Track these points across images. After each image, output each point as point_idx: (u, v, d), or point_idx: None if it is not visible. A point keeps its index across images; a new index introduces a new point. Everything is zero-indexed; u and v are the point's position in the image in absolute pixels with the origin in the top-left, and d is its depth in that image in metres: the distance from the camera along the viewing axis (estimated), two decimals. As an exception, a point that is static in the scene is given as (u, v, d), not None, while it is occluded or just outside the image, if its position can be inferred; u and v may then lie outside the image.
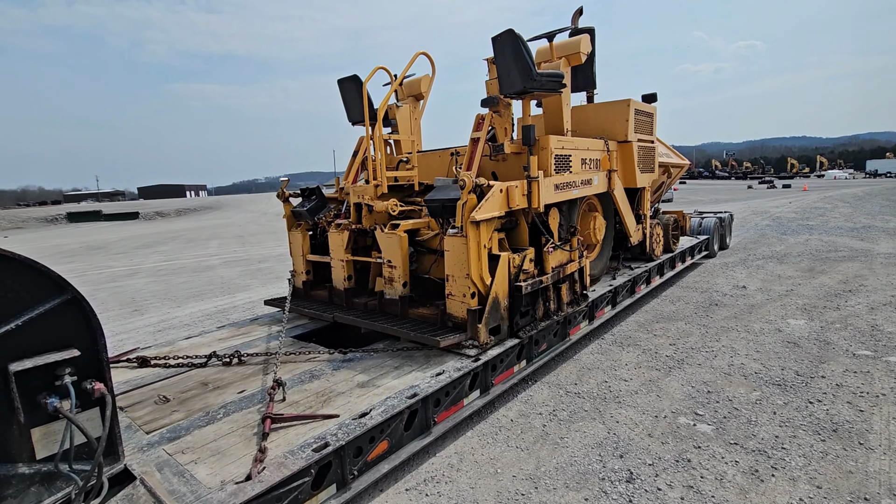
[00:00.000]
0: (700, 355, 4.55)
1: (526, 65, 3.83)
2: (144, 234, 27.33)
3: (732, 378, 4.00)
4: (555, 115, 4.68)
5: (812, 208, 18.93)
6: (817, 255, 9.28)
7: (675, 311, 6.08)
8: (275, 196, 5.37)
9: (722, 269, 8.44)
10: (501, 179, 4.29)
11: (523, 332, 3.81)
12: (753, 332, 5.15)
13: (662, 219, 7.31)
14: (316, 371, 3.34)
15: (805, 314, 5.66)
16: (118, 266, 14.62)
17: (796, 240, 11.38)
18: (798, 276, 7.59)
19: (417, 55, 4.30)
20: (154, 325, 7.05)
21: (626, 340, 5.08)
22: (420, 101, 6.02)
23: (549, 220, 4.33)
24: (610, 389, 3.91)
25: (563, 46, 4.64)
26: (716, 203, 24.65)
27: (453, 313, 3.62)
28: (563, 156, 4.41)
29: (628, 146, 5.48)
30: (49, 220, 46.65)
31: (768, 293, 6.69)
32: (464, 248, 3.43)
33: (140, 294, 9.65)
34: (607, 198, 5.46)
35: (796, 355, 4.42)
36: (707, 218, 9.68)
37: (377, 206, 4.07)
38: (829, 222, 14.46)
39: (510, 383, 3.72)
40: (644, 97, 6.03)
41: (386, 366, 3.37)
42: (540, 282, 3.88)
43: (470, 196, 3.38)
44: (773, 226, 14.26)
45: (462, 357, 3.41)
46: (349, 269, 4.49)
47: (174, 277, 11.63)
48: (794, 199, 24.90)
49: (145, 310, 8.17)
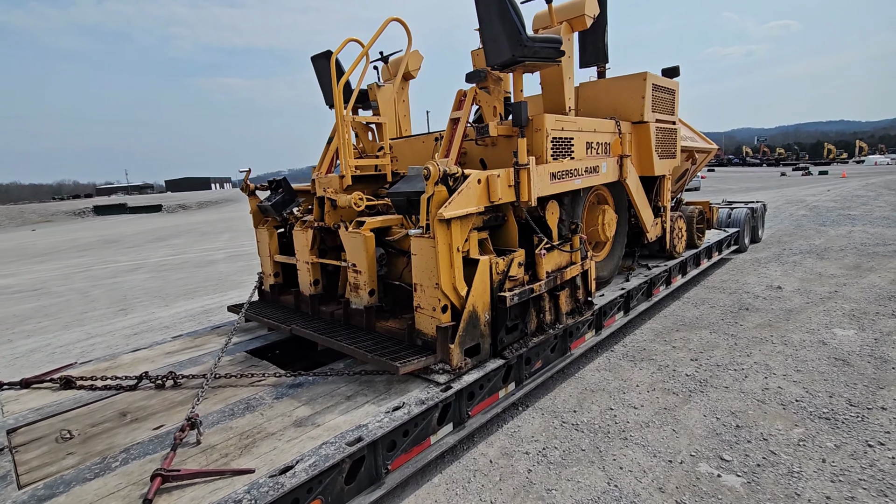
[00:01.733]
0: (727, 375, 3.84)
1: (514, 28, 3.15)
2: (162, 227, 27.55)
3: (767, 407, 3.29)
4: (554, 90, 3.98)
5: (853, 196, 17.52)
6: (863, 250, 8.28)
7: (698, 317, 5.33)
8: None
9: (753, 266, 7.57)
10: (491, 168, 3.64)
11: (510, 351, 3.18)
12: (792, 344, 4.38)
13: (685, 211, 6.51)
14: (253, 400, 2.78)
15: (854, 322, 4.84)
16: (124, 260, 14.51)
17: (837, 232, 10.32)
18: (842, 275, 6.69)
19: (389, 21, 3.65)
20: (133, 326, 6.67)
21: (640, 354, 4.38)
22: (409, 81, 5.40)
23: (545, 215, 3.66)
24: (615, 420, 3.25)
25: (564, 9, 3.92)
26: (746, 192, 23.23)
27: (422, 329, 3.01)
28: (563, 139, 3.72)
29: (644, 128, 4.72)
30: (77, 214, 47.89)
31: (808, 295, 5.85)
32: (432, 252, 2.81)
33: (133, 292, 9.36)
34: (619, 188, 4.74)
35: (847, 377, 3.66)
36: (737, 208, 8.77)
37: (340, 200, 3.47)
38: (874, 212, 13.21)
39: (492, 413, 3.10)
40: (664, 71, 5.24)
41: (337, 395, 2.79)
42: (530, 290, 3.23)
43: (438, 188, 2.75)
44: (810, 216, 13.11)
45: (430, 384, 2.80)
46: (315, 272, 3.93)
47: (174, 273, 11.35)
48: (833, 186, 23.26)
49: (132, 309, 7.83)
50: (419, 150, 4.45)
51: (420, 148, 4.44)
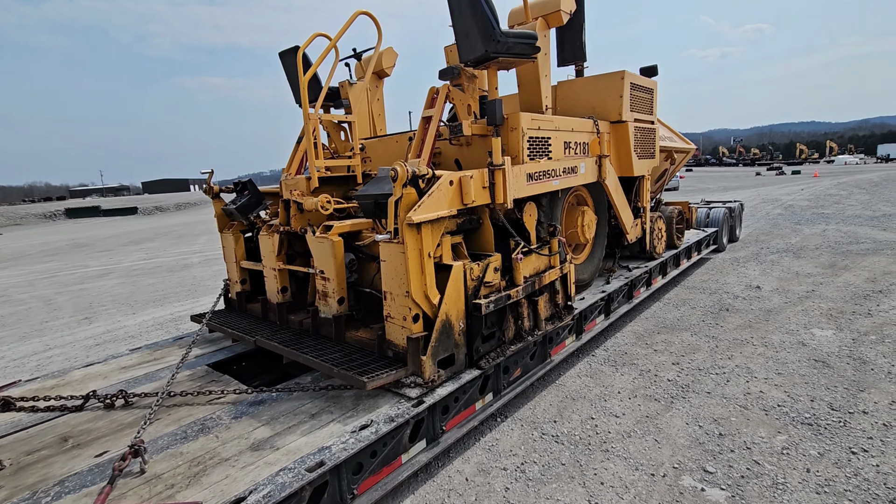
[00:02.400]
0: (709, 379, 3.76)
1: (487, 22, 3.01)
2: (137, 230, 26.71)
3: (750, 413, 3.21)
4: (530, 88, 3.85)
5: (826, 195, 17.93)
6: (837, 248, 8.40)
7: (679, 319, 5.28)
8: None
9: (732, 266, 7.60)
10: (466, 168, 3.49)
11: (487, 361, 3.03)
12: (772, 346, 4.34)
13: (665, 211, 6.47)
14: (209, 421, 2.58)
15: (832, 322, 4.84)
16: (94, 265, 13.96)
17: (812, 230, 10.49)
18: (818, 274, 6.75)
19: (357, 14, 3.47)
20: (96, 336, 6.33)
21: (621, 358, 4.29)
22: (383, 79, 5.21)
23: (523, 217, 3.53)
24: (597, 430, 3.13)
25: (539, 4, 3.79)
26: (724, 191, 23.62)
27: (393, 340, 2.84)
28: (540, 138, 3.59)
29: (623, 127, 4.63)
30: (48, 217, 46.25)
31: (786, 295, 5.86)
32: (401, 258, 2.64)
33: (101, 298, 8.96)
34: (599, 189, 4.64)
35: (827, 379, 3.62)
36: (715, 208, 8.81)
37: (307, 203, 3.28)
38: (846, 210, 13.50)
39: (469, 426, 2.95)
40: (643, 70, 5.17)
41: (301, 412, 2.61)
42: (507, 296, 3.09)
43: (406, 190, 2.58)
44: (785, 215, 13.34)
45: (401, 399, 2.64)
46: (283, 279, 3.72)
47: (145, 278, 10.93)
48: (806, 185, 23.81)
49: (97, 317, 7.47)
50: (393, 150, 4.28)
51: (394, 148, 4.27)
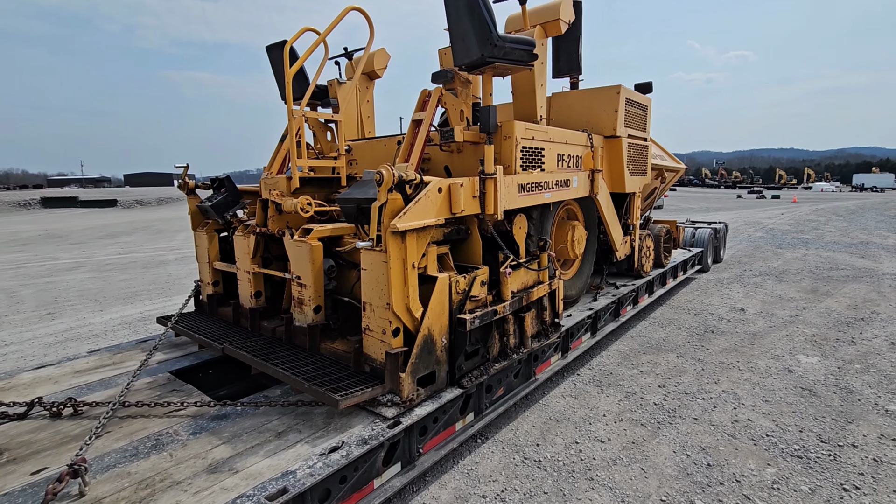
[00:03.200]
0: (696, 404, 3.66)
1: (484, 26, 2.89)
2: (115, 223, 25.93)
3: (738, 443, 3.10)
4: (526, 97, 3.74)
5: (805, 220, 18.31)
6: (818, 274, 8.49)
7: (665, 339, 5.20)
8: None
9: (717, 287, 7.59)
10: (456, 176, 3.35)
11: (469, 379, 2.87)
12: (759, 371, 4.27)
13: (654, 230, 6.43)
14: (165, 436, 2.36)
15: (817, 349, 4.80)
16: (65, 258, 13.42)
17: (793, 254, 10.62)
18: (801, 298, 6.77)
19: (348, 10, 3.32)
20: (58, 334, 5.99)
21: (607, 378, 4.17)
22: (374, 81, 5.07)
23: (513, 230, 3.40)
24: (581, 456, 2.98)
25: (538, 12, 3.70)
26: (706, 212, 24.00)
27: (371, 354, 2.67)
28: (534, 149, 3.48)
29: (616, 143, 4.56)
30: (22, 205, 44.67)
31: (770, 319, 5.84)
32: (383, 268, 2.48)
33: (67, 293, 8.55)
34: (590, 204, 4.55)
35: (815, 409, 3.54)
36: (701, 229, 8.85)
37: (286, 204, 3.09)
38: (825, 236, 13.76)
39: (448, 448, 2.78)
40: (638, 86, 5.12)
41: (267, 430, 2.40)
42: (494, 312, 2.94)
43: (392, 196, 2.43)
44: (766, 238, 13.53)
45: (376, 419, 2.46)
46: (257, 283, 3.51)
47: (117, 274, 10.51)
48: (786, 210, 24.35)
49: (61, 313, 7.09)
50: (380, 153, 4.13)
51: (381, 151, 4.12)
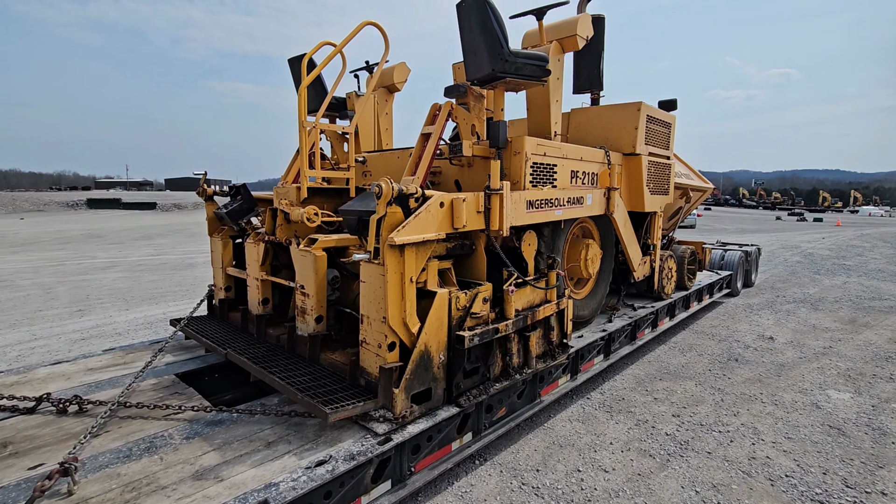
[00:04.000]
0: (711, 437, 3.46)
1: (496, 40, 2.88)
2: (152, 225, 27.10)
3: (754, 482, 2.91)
4: (539, 113, 3.70)
5: (848, 246, 17.37)
6: (858, 303, 7.99)
7: (684, 366, 4.97)
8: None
9: (745, 313, 7.25)
10: (466, 191, 3.33)
11: (467, 398, 2.81)
12: (783, 405, 4.02)
13: (677, 250, 6.21)
14: (159, 439, 2.38)
15: (850, 384, 4.49)
16: (102, 257, 14.06)
17: (832, 282, 10.06)
18: (837, 329, 6.38)
19: (364, 25, 3.38)
20: (84, 330, 6.23)
21: (618, 404, 4.01)
22: (393, 94, 5.14)
23: (521, 246, 3.34)
24: (582, 486, 2.85)
25: (555, 28, 3.67)
26: (741, 233, 23.13)
27: (366, 368, 2.64)
28: (545, 165, 3.42)
29: (636, 160, 4.44)
30: (69, 205, 47.31)
31: (801, 349, 5.52)
32: (381, 281, 2.46)
33: (99, 291, 8.92)
34: (606, 222, 4.43)
35: (843, 450, 3.29)
36: (731, 251, 8.50)
37: (293, 213, 3.13)
38: (869, 263, 13.00)
39: (442, 468, 2.71)
40: (661, 103, 5.00)
41: (258, 439, 2.40)
42: (495, 330, 2.87)
43: (391, 209, 2.41)
44: (804, 263, 12.89)
45: (367, 434, 2.42)
46: (265, 290, 3.56)
47: (148, 274, 10.93)
48: (827, 234, 23.19)
49: (90, 310, 7.39)
50: (394, 166, 4.14)
51: (395, 163, 4.14)
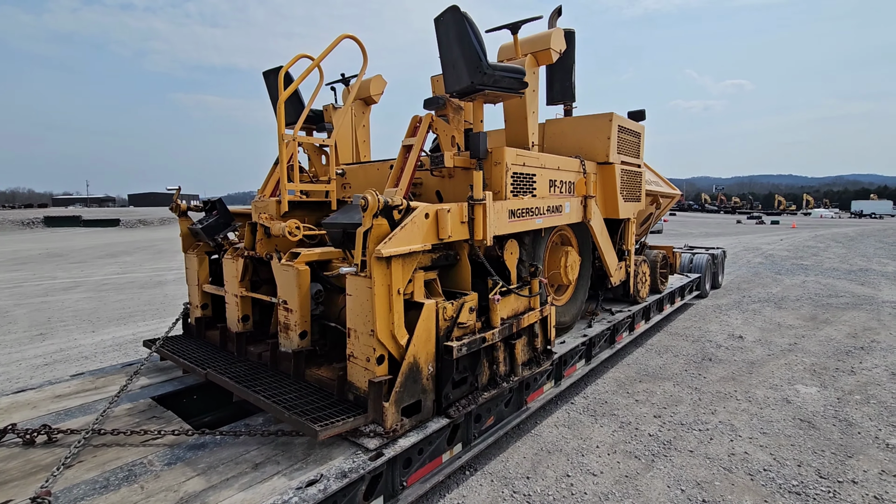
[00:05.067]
0: (692, 436, 3.56)
1: (474, 53, 2.94)
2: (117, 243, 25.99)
3: (735, 477, 3.00)
4: (517, 124, 3.78)
5: (804, 247, 18.28)
6: (817, 301, 8.42)
7: (661, 367, 5.11)
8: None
9: (715, 313, 7.52)
10: (447, 201, 3.35)
11: (457, 409, 2.80)
12: (756, 401, 4.17)
13: (650, 255, 6.41)
14: (139, 466, 2.28)
15: (816, 378, 4.71)
16: (63, 277, 13.39)
17: (792, 281, 10.56)
18: (800, 326, 6.69)
19: (341, 38, 3.39)
20: (47, 355, 5.91)
21: (601, 408, 4.08)
22: (370, 106, 5.15)
23: (504, 255, 3.38)
24: (572, 490, 2.88)
25: (530, 41, 3.77)
26: (706, 237, 24.02)
27: (355, 382, 2.61)
28: (525, 175, 3.49)
29: (610, 169, 4.58)
30: (25, 224, 44.89)
31: (769, 347, 5.75)
32: (368, 294, 2.45)
33: (62, 313, 8.49)
34: (583, 230, 4.54)
35: (814, 442, 3.44)
36: (699, 254, 8.83)
37: (274, 227, 3.09)
38: (824, 263, 13.72)
39: (434, 481, 2.69)
40: (631, 114, 5.19)
41: (244, 461, 2.33)
42: (482, 339, 2.89)
43: (377, 221, 2.41)
44: (766, 264, 13.49)
45: (358, 450, 2.38)
46: (245, 307, 3.48)
47: (114, 294, 10.47)
48: (785, 236, 24.36)
49: (52, 334, 7.02)
50: (374, 178, 4.14)
51: (375, 175, 4.13)
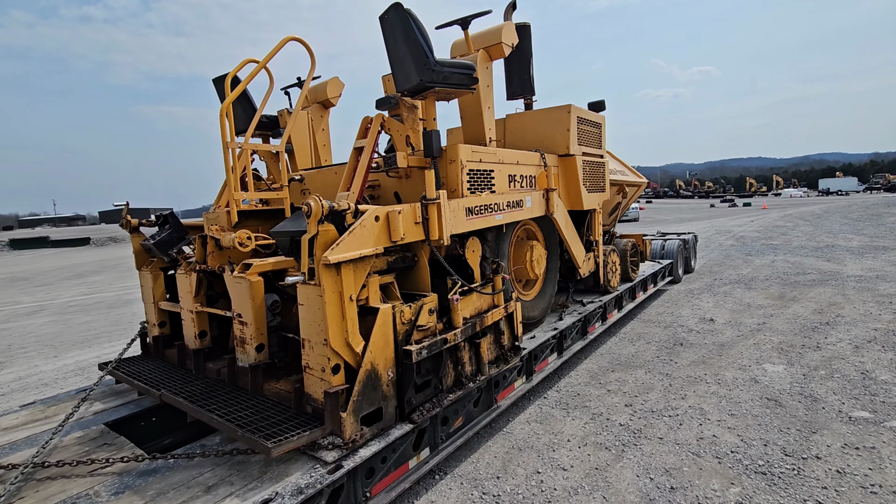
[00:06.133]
0: (661, 423, 3.58)
1: (420, 51, 2.88)
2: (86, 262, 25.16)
3: (703, 461, 3.02)
4: (473, 121, 3.74)
5: (774, 227, 18.78)
6: (786, 279, 8.63)
7: (634, 355, 5.14)
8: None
9: (687, 298, 7.63)
10: (406, 202, 3.29)
11: (421, 413, 2.75)
12: (725, 383, 4.23)
13: (619, 244, 6.46)
14: (83, 499, 2.16)
15: (783, 356, 4.80)
16: (27, 301, 12.90)
17: (762, 261, 10.81)
18: (769, 305, 6.83)
19: (286, 41, 3.29)
20: (3, 385, 5.65)
21: (574, 400, 4.07)
22: (329, 109, 5.05)
23: (465, 253, 3.34)
24: (542, 486, 2.86)
25: (481, 37, 3.73)
26: (680, 222, 24.49)
27: (312, 394, 2.53)
28: (482, 171, 3.45)
29: (571, 161, 4.58)
30: (-12, 248, 43.21)
31: (739, 328, 5.86)
32: (319, 302, 2.37)
33: (23, 339, 8.14)
34: (549, 223, 4.53)
35: (780, 420, 3.50)
36: (670, 240, 8.95)
37: (224, 239, 2.98)
38: (793, 241, 14.10)
39: (400, 489, 2.63)
40: (590, 105, 5.20)
41: (196, 485, 2.23)
42: (444, 341, 2.84)
43: (323, 227, 2.34)
44: (737, 246, 13.80)
45: (316, 464, 2.31)
46: (201, 322, 3.35)
47: (80, 316, 10.12)
48: (755, 217, 25.00)
49: (12, 362, 6.72)
50: (333, 182, 4.05)
51: (333, 179, 4.04)
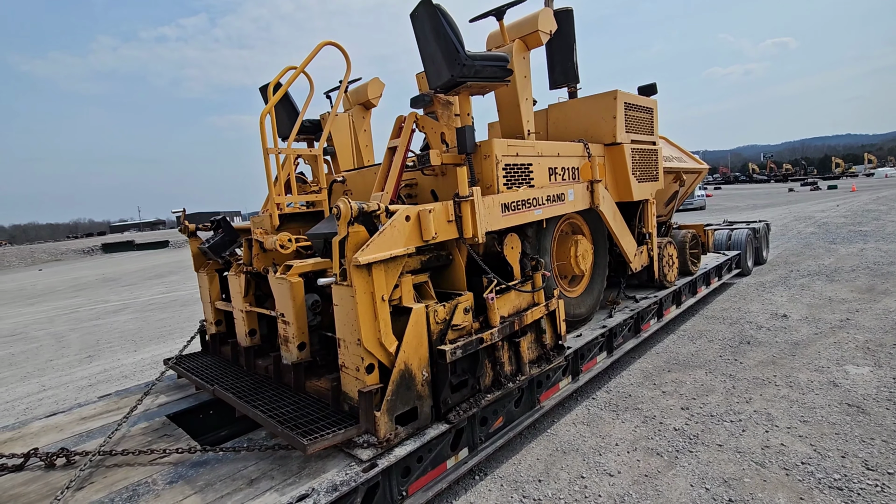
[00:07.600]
0: (722, 428, 3.31)
1: (451, 46, 2.82)
2: (165, 263, 27.50)
3: (768, 473, 2.76)
4: (510, 113, 3.63)
5: (864, 211, 16.88)
6: (876, 270, 7.71)
7: (694, 354, 4.81)
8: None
9: (757, 291, 7.03)
10: (442, 200, 3.27)
11: (457, 413, 2.72)
12: (798, 387, 3.84)
13: (677, 236, 6.06)
14: (143, 486, 2.34)
15: (869, 357, 4.29)
16: (114, 300, 14.27)
17: (848, 250, 9.74)
18: (854, 300, 6.14)
19: (322, 45, 3.36)
20: (92, 376, 6.28)
21: (624, 401, 3.87)
22: (370, 110, 5.12)
23: (504, 250, 3.26)
24: (585, 493, 2.73)
25: (516, 26, 3.61)
26: (752, 209, 22.66)
27: (348, 392, 2.57)
28: (518, 165, 3.34)
29: (618, 150, 4.33)
30: (86, 252, 48.35)
31: (817, 324, 5.31)
32: (351, 302, 2.40)
33: (109, 335, 9.02)
34: (595, 216, 4.32)
35: (863, 430, 3.12)
36: (738, 229, 8.28)
37: (267, 241, 3.10)
38: (887, 227, 12.59)
39: (437, 488, 2.62)
40: (640, 89, 4.90)
41: (241, 478, 2.34)
42: (479, 340, 2.78)
43: (353, 229, 2.36)
44: (818, 233, 12.53)
45: (351, 462, 2.35)
46: (251, 321, 3.52)
47: (157, 313, 11.03)
48: (842, 201, 22.61)
49: (99, 355, 7.46)
50: (373, 182, 4.07)
51: (373, 179, 4.07)
